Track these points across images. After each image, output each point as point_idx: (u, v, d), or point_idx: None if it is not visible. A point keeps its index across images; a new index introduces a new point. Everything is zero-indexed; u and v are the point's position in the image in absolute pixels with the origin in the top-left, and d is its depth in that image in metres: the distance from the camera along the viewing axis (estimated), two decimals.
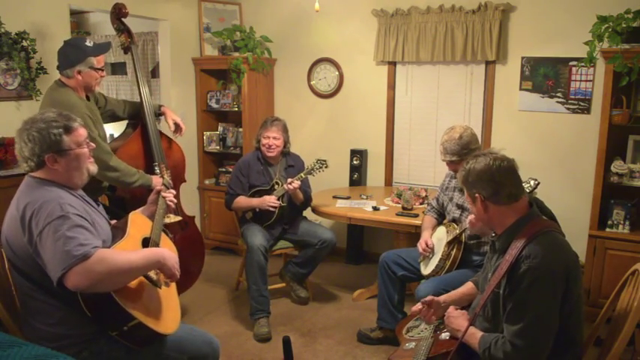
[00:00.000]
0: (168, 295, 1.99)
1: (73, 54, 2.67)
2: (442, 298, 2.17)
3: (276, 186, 3.63)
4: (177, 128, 3.29)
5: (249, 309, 3.42)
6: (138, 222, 2.09)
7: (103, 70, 2.78)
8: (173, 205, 2.39)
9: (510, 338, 1.73)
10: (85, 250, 1.63)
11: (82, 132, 1.88)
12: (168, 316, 1.92)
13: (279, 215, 3.61)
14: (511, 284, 1.75)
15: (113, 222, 2.14)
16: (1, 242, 1.83)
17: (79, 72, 2.67)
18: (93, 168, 1.94)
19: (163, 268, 1.88)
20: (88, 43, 2.72)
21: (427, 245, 2.90)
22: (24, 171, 1.86)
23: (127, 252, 1.80)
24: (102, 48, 2.76)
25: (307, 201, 3.73)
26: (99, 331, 1.80)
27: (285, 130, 3.70)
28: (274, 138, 3.63)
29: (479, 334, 1.85)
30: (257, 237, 3.45)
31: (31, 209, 1.70)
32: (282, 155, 3.74)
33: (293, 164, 3.78)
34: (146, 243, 2.03)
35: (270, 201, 3.53)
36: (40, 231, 1.67)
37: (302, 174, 3.58)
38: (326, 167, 3.61)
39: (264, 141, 3.65)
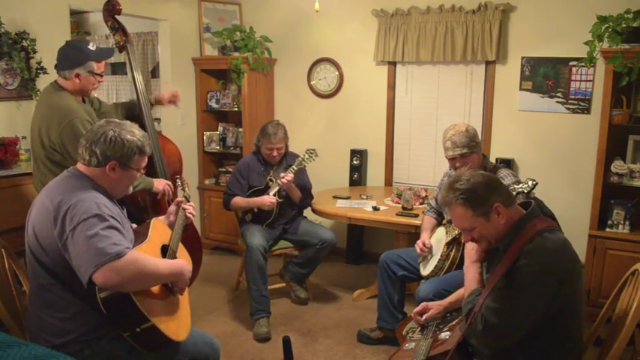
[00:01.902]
0: (182, 302, 2.01)
1: (73, 56, 2.60)
2: (446, 302, 2.18)
3: (270, 183, 3.62)
4: (173, 98, 3.20)
5: (250, 309, 3.42)
6: (159, 228, 2.10)
7: (101, 76, 2.69)
8: (192, 218, 2.38)
9: (486, 313, 1.75)
10: (119, 249, 1.67)
11: (146, 161, 1.98)
12: (181, 322, 1.94)
13: (278, 213, 3.61)
14: (507, 276, 1.77)
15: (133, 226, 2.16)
16: (26, 232, 1.84)
17: (77, 75, 2.59)
18: (129, 190, 2.04)
19: (179, 281, 1.93)
20: (91, 46, 2.62)
21: (424, 246, 2.90)
22: (79, 160, 1.89)
23: (155, 259, 1.84)
24: (105, 53, 2.69)
25: (307, 197, 3.73)
26: (105, 331, 1.80)
27: (286, 135, 3.68)
28: (278, 149, 3.63)
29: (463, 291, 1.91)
30: (256, 237, 3.45)
31: (67, 204, 1.72)
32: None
33: (292, 164, 3.77)
34: (164, 250, 2.04)
35: (269, 200, 3.53)
36: (74, 226, 1.68)
37: (294, 166, 3.58)
38: (316, 156, 3.61)
39: (267, 152, 3.62)
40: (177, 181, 2.66)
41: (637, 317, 1.76)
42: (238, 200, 3.64)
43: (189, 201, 2.42)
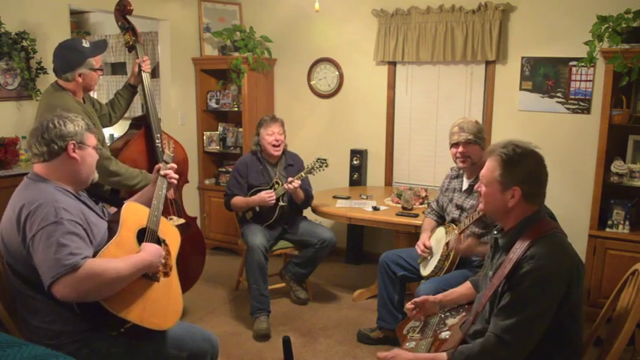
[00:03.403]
0: (168, 286, 1.96)
1: (72, 57, 2.63)
2: (439, 296, 2.17)
3: (276, 185, 3.62)
4: (142, 66, 3.10)
5: (250, 308, 3.42)
6: (131, 213, 2.00)
7: (101, 70, 2.76)
8: (175, 182, 2.27)
9: (497, 332, 1.71)
10: (75, 260, 1.64)
11: (95, 140, 1.97)
12: (168, 309, 1.91)
13: (280, 215, 3.61)
14: (510, 283, 1.74)
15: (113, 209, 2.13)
16: None
17: (80, 75, 2.64)
18: (96, 175, 1.98)
19: (151, 269, 1.89)
20: (85, 44, 2.67)
21: (425, 247, 2.90)
22: (35, 160, 1.86)
23: (115, 261, 1.75)
24: (100, 47, 2.72)
25: (308, 199, 3.73)
26: (97, 328, 1.80)
27: (283, 126, 3.70)
28: (278, 133, 3.63)
29: (442, 354, 1.82)
30: (257, 236, 3.45)
31: (27, 210, 1.70)
32: (281, 154, 3.75)
33: (292, 163, 3.77)
34: (142, 234, 1.96)
35: (267, 195, 3.50)
36: (34, 234, 1.67)
37: (302, 173, 3.58)
38: (326, 166, 3.60)
39: (269, 138, 3.61)
40: (157, 142, 2.50)
41: (637, 317, 1.76)
42: (238, 200, 3.63)
43: (168, 163, 2.27)
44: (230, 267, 4.48)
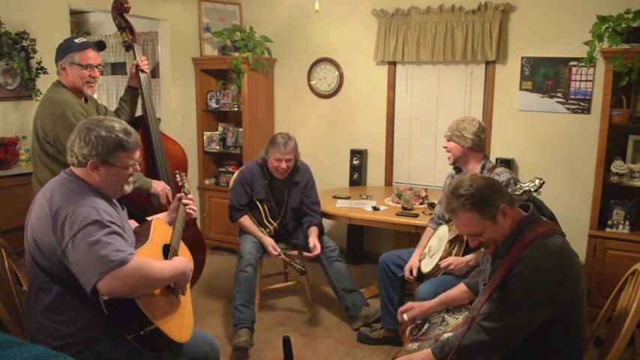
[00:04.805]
0: (184, 304, 2.00)
1: (59, 50, 2.67)
2: (431, 303, 2.20)
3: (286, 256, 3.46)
4: (141, 66, 3.05)
5: (233, 319, 3.24)
6: (160, 228, 2.08)
7: (90, 69, 2.64)
8: (194, 214, 2.34)
9: (479, 319, 1.75)
10: (123, 256, 1.65)
11: (135, 155, 1.89)
12: (184, 323, 1.93)
13: (281, 224, 3.55)
14: (504, 285, 1.77)
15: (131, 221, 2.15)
16: (26, 234, 1.82)
17: (64, 68, 2.64)
18: (128, 188, 1.93)
19: (181, 280, 1.93)
20: (77, 40, 2.66)
21: (410, 273, 2.93)
22: (69, 162, 1.85)
23: (159, 262, 1.83)
24: (86, 43, 2.66)
25: (319, 223, 3.59)
26: (104, 332, 1.80)
27: (296, 148, 3.48)
28: (287, 160, 3.41)
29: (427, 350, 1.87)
30: (247, 245, 3.37)
31: (66, 211, 1.70)
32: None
33: (298, 180, 3.56)
34: (166, 250, 2.03)
35: (273, 250, 3.42)
36: (74, 234, 1.66)
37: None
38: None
39: (275, 163, 3.40)
40: (177, 176, 2.58)
41: (637, 317, 1.76)
42: (247, 224, 3.49)
43: (187, 195, 2.35)
44: (230, 267, 4.45)
